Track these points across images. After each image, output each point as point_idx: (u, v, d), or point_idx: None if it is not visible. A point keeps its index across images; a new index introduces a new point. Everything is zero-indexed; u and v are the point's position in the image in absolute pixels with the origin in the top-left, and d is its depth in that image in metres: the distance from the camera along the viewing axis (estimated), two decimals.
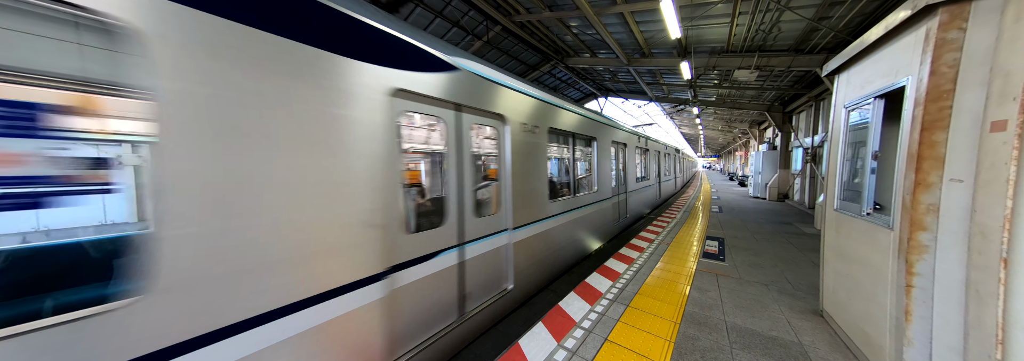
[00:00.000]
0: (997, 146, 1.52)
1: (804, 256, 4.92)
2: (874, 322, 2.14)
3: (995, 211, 1.50)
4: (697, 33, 8.08)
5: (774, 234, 6.51)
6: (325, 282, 1.63)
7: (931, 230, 1.75)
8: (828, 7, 6.00)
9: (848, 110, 2.66)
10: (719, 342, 2.55)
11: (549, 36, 10.11)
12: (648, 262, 4.54)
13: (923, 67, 1.77)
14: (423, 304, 2.25)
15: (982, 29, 1.60)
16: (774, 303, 3.26)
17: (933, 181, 1.74)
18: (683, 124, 28.74)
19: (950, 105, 1.69)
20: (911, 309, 1.80)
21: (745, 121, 19.86)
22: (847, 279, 2.53)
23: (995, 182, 1.51)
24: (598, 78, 15.61)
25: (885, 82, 2.13)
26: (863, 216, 2.32)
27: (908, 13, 1.85)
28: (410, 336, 2.17)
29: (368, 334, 1.85)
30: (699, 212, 9.28)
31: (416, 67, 2.17)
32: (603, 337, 2.60)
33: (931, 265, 1.75)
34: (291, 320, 1.50)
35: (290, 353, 1.51)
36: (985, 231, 1.55)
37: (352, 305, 1.74)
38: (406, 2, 8.01)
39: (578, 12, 7.47)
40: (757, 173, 13.82)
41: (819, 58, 7.52)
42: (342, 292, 1.69)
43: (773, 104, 13.43)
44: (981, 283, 1.56)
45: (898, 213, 1.91)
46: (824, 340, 2.58)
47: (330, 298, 1.64)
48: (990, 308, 1.51)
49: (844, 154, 2.75)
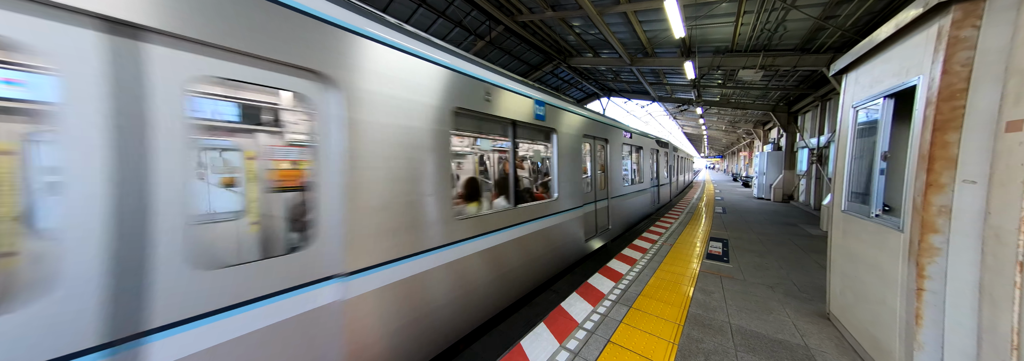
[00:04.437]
0: (1012, 147, 1.48)
1: (810, 258, 4.87)
2: (883, 326, 2.10)
3: (1010, 213, 1.46)
4: (701, 32, 8.03)
5: (779, 235, 6.45)
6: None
7: (943, 232, 1.71)
8: (835, 6, 5.94)
9: (856, 110, 2.62)
10: (723, 345, 2.51)
11: (552, 36, 10.08)
12: (651, 263, 4.51)
13: (935, 66, 1.73)
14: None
15: (997, 27, 1.57)
16: (779, 305, 3.22)
17: (945, 182, 1.70)
18: (686, 124, 28.63)
19: (963, 105, 1.65)
20: (922, 313, 1.77)
21: (749, 121, 19.74)
22: (855, 281, 2.49)
23: (1010, 183, 1.48)
24: (601, 78, 15.57)
25: (895, 81, 2.09)
26: (872, 218, 2.28)
27: (920, 11, 1.81)
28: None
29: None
30: (702, 213, 9.21)
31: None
32: (606, 338, 2.57)
33: (943, 268, 1.71)
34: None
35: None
36: (999, 233, 1.51)
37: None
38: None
39: (581, 12, 7.44)
40: (761, 174, 13.72)
41: (825, 57, 7.45)
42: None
43: (778, 104, 13.33)
44: (995, 287, 1.52)
45: (908, 215, 1.87)
46: (831, 344, 2.54)
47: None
48: (1004, 312, 1.47)
49: (852, 154, 2.70)
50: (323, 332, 1.69)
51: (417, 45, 2.27)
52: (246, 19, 1.41)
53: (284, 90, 2.14)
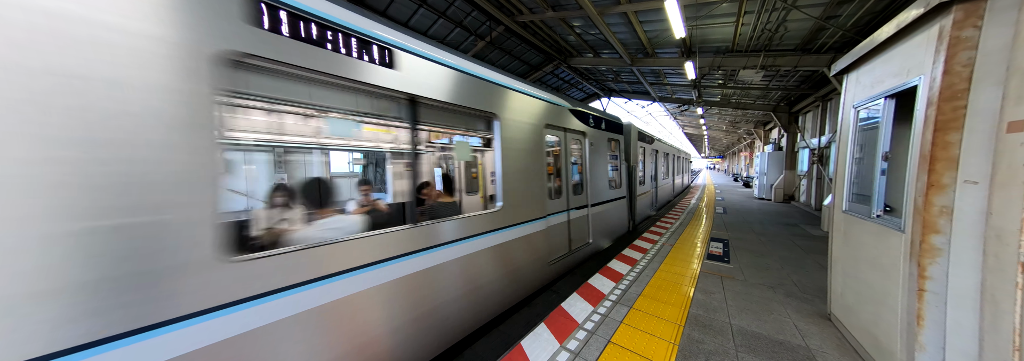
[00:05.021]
0: (1014, 147, 1.47)
1: (811, 258, 4.86)
2: (884, 326, 2.09)
3: (1012, 213, 1.46)
4: (702, 32, 8.02)
5: (780, 236, 6.44)
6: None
7: (944, 233, 1.71)
8: (836, 6, 5.93)
9: (857, 110, 2.62)
10: (724, 345, 2.51)
11: (552, 36, 10.08)
12: (651, 263, 4.50)
13: (936, 66, 1.73)
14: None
15: (998, 27, 1.56)
16: (780, 306, 3.21)
17: (946, 183, 1.70)
18: (687, 124, 28.61)
19: (965, 105, 1.65)
20: (923, 313, 1.76)
21: (750, 121, 19.72)
22: (856, 282, 2.48)
23: (1012, 184, 1.47)
24: (601, 78, 15.56)
25: (896, 82, 2.09)
26: (873, 218, 2.28)
27: (921, 11, 1.81)
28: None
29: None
30: (703, 213, 9.20)
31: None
32: (606, 339, 2.57)
33: (944, 269, 1.71)
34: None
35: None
36: (1001, 234, 1.51)
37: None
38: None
39: (581, 12, 7.44)
40: (762, 174, 13.70)
41: (826, 58, 7.44)
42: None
43: (779, 104, 13.31)
44: (996, 287, 1.52)
45: (910, 215, 1.87)
46: (832, 344, 2.53)
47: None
48: (1006, 313, 1.47)
49: (853, 155, 2.70)
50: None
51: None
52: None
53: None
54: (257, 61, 1.57)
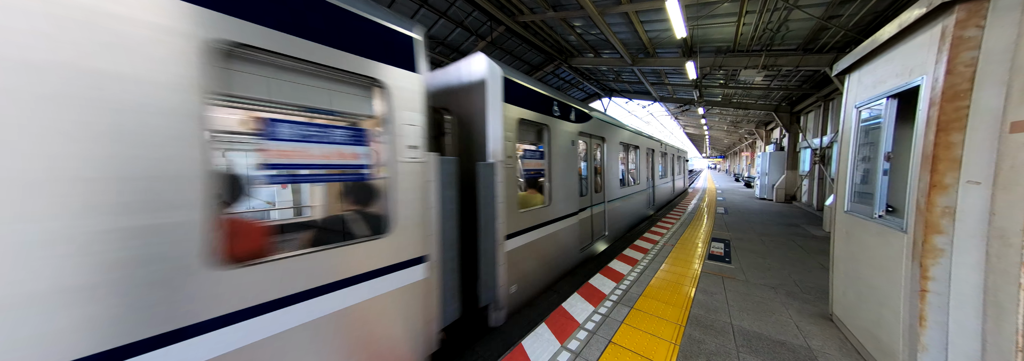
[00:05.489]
0: (1017, 147, 1.47)
1: (813, 259, 4.85)
2: (886, 327, 2.09)
3: (1015, 214, 1.45)
4: (703, 32, 8.01)
5: (781, 236, 6.43)
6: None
7: (947, 233, 1.70)
8: (838, 6, 5.91)
9: (859, 110, 2.61)
10: (725, 346, 2.51)
11: (553, 36, 10.08)
12: (652, 263, 4.50)
13: (939, 66, 1.72)
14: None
15: (1001, 27, 1.56)
16: (782, 307, 3.21)
17: (949, 183, 1.69)
18: (689, 124, 28.57)
19: (967, 105, 1.64)
20: (925, 314, 1.76)
21: (751, 121, 19.68)
22: (858, 283, 2.48)
23: (1015, 184, 1.47)
24: (602, 78, 15.56)
25: (898, 81, 2.08)
26: (875, 219, 2.27)
27: (923, 11, 1.80)
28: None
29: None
30: (704, 213, 9.19)
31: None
32: (607, 339, 2.57)
33: (947, 269, 1.71)
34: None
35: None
36: (1004, 235, 1.50)
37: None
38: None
39: (582, 12, 7.44)
40: (764, 174, 13.67)
41: (828, 57, 7.42)
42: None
43: (780, 104, 13.28)
44: (999, 288, 1.52)
45: (912, 216, 1.86)
46: (834, 345, 2.53)
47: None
48: (1009, 314, 1.46)
49: (855, 155, 2.69)
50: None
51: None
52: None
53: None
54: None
